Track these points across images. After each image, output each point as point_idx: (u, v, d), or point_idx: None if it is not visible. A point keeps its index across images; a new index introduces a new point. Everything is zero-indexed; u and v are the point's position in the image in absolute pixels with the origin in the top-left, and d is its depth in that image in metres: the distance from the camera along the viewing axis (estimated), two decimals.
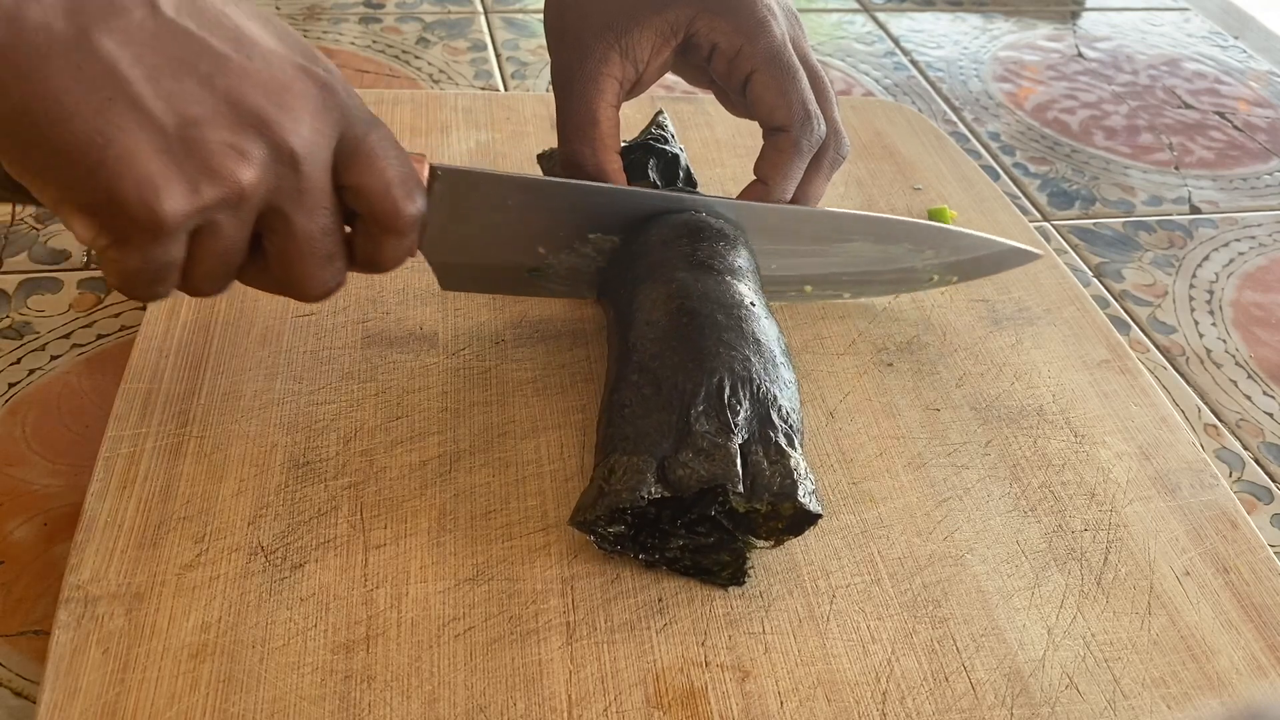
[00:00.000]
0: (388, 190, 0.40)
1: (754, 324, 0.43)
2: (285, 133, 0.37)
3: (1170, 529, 0.46)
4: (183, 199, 0.35)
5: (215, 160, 0.35)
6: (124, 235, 0.36)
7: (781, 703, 0.38)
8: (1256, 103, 0.89)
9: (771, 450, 0.39)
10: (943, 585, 0.42)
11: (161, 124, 0.35)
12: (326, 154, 0.38)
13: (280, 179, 0.37)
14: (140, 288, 0.38)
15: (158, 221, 0.35)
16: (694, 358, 0.41)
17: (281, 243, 0.39)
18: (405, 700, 0.37)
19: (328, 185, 0.39)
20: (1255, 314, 0.65)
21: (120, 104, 0.34)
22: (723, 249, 0.46)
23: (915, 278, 0.54)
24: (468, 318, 0.52)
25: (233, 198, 0.36)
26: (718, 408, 0.40)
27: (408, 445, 0.45)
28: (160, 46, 0.35)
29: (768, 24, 0.48)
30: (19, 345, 0.53)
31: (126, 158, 0.34)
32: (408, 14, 0.87)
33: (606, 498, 0.39)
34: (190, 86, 0.35)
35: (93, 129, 0.34)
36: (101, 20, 0.34)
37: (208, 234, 0.37)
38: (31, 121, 0.33)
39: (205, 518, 0.42)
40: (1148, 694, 0.39)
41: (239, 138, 0.36)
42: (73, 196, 0.35)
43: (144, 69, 0.34)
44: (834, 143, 0.50)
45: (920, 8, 0.99)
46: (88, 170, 0.34)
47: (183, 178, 0.35)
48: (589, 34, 0.48)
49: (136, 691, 0.36)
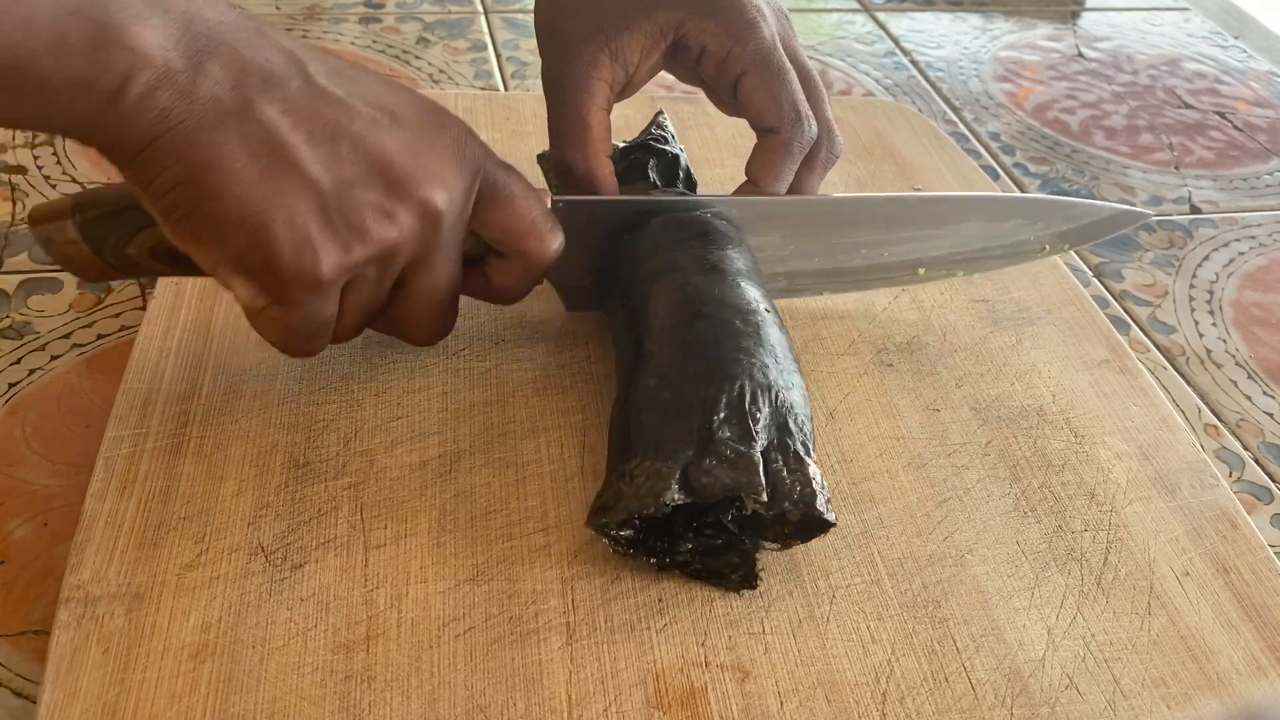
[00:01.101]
0: (531, 230, 0.43)
1: (769, 329, 0.43)
2: (429, 191, 0.39)
3: (1170, 529, 0.46)
4: (337, 258, 0.37)
5: (367, 221, 0.38)
6: (282, 295, 0.38)
7: (781, 703, 0.38)
8: (1256, 103, 0.89)
9: (790, 458, 0.40)
10: (943, 585, 0.42)
11: (319, 187, 0.37)
12: (465, 206, 0.41)
13: (423, 235, 0.39)
14: (300, 343, 0.41)
15: (316, 281, 0.37)
16: (714, 364, 0.41)
17: (410, 294, 0.42)
18: (405, 700, 0.37)
19: (460, 238, 0.41)
20: (1255, 314, 0.65)
21: (282, 170, 0.36)
22: (731, 252, 0.46)
23: (1027, 249, 0.55)
24: (468, 318, 0.52)
25: (382, 255, 0.39)
26: (739, 415, 0.40)
27: (408, 445, 0.45)
28: (316, 113, 0.37)
29: (757, 25, 0.48)
30: (19, 345, 0.53)
31: (287, 221, 0.36)
32: (408, 14, 0.87)
33: (628, 501, 0.39)
34: (344, 150, 0.37)
35: (257, 194, 0.36)
36: (264, 91, 0.36)
37: (355, 289, 0.40)
38: (198, 188, 0.35)
39: (205, 518, 0.42)
40: (1148, 694, 0.39)
41: (387, 199, 0.38)
42: (234, 259, 0.37)
43: (302, 134, 0.36)
44: (826, 142, 0.50)
45: (920, 8, 0.99)
46: (250, 234, 0.36)
47: (337, 239, 0.37)
48: (579, 38, 0.48)
49: (137, 691, 0.36)
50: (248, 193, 0.35)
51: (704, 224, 0.48)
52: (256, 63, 0.36)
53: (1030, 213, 0.53)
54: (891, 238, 0.52)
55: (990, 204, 0.53)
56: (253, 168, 0.35)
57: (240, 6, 0.82)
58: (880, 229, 0.52)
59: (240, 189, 0.35)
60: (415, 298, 0.42)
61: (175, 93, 0.34)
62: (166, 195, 0.36)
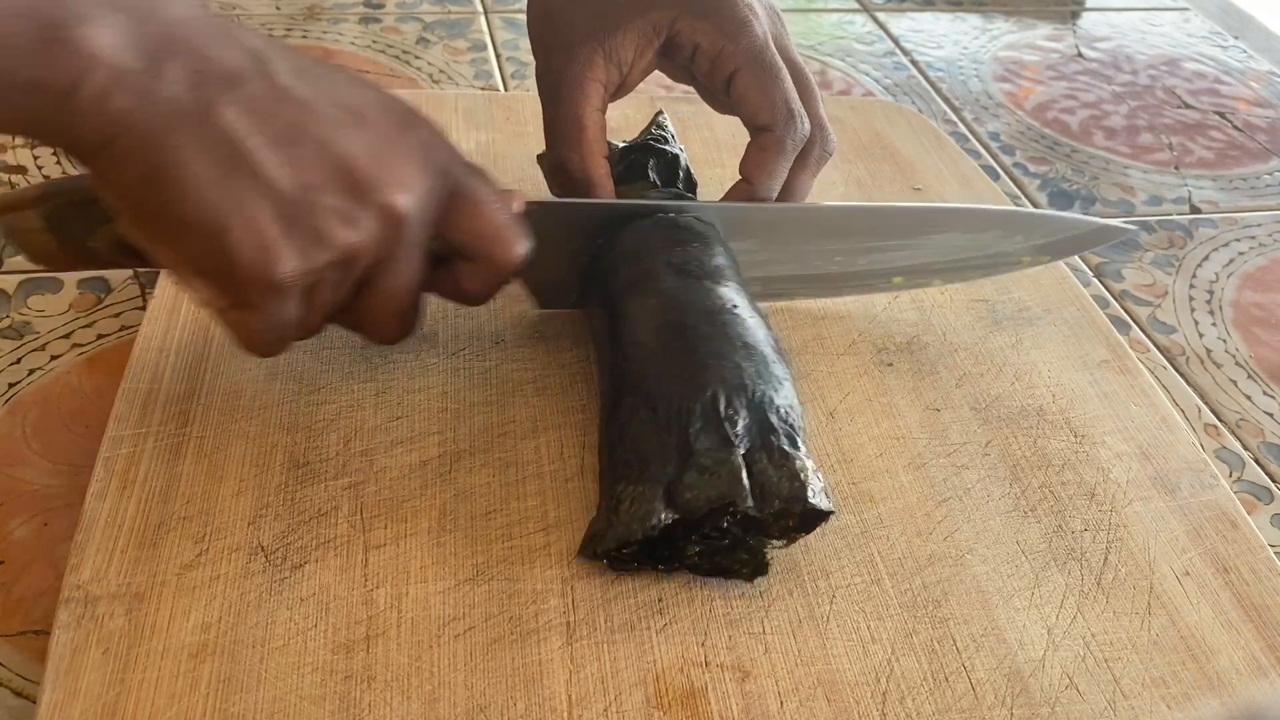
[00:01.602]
0: (496, 234, 0.42)
1: (739, 327, 0.43)
2: (391, 196, 0.38)
3: (1170, 529, 0.46)
4: (296, 263, 0.37)
5: (328, 225, 0.37)
6: (242, 298, 0.37)
7: (781, 703, 0.38)
8: (1256, 103, 0.89)
9: (775, 455, 0.39)
10: (943, 585, 0.42)
11: (279, 191, 0.36)
12: (430, 209, 0.40)
13: (385, 239, 0.39)
14: (264, 346, 0.40)
15: (275, 285, 0.37)
16: (684, 375, 0.41)
17: (372, 294, 0.41)
18: (405, 700, 0.37)
19: (424, 242, 0.40)
20: (1255, 314, 0.65)
21: (241, 173, 0.35)
22: (699, 251, 0.46)
23: (1007, 261, 0.55)
24: (468, 318, 0.52)
25: (343, 260, 0.38)
26: (715, 422, 0.39)
27: (408, 445, 0.45)
28: (277, 114, 0.36)
29: (749, 24, 0.48)
30: (19, 345, 0.53)
31: (246, 225, 0.35)
32: (408, 14, 0.87)
33: (617, 529, 0.39)
34: (306, 153, 0.36)
35: (216, 198, 0.35)
36: (225, 92, 0.35)
37: (315, 291, 0.39)
38: (156, 190, 0.35)
39: (205, 518, 0.42)
40: (1148, 694, 0.39)
41: (349, 203, 0.37)
42: (193, 262, 0.37)
43: (263, 137, 0.36)
44: (819, 139, 0.50)
45: (920, 8, 0.99)
46: (209, 237, 0.35)
47: (297, 244, 0.36)
48: (574, 39, 0.48)
49: (136, 691, 0.36)
50: (206, 196, 0.35)
51: (672, 224, 0.47)
52: (217, 62, 0.35)
53: (1009, 225, 0.53)
54: (866, 246, 0.52)
55: (969, 215, 0.53)
56: (212, 171, 0.35)
57: (239, 7, 0.82)
58: (855, 238, 0.51)
59: (199, 192, 0.35)
60: (378, 298, 0.41)
61: (131, 94, 0.33)
62: (126, 196, 0.35)
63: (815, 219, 0.51)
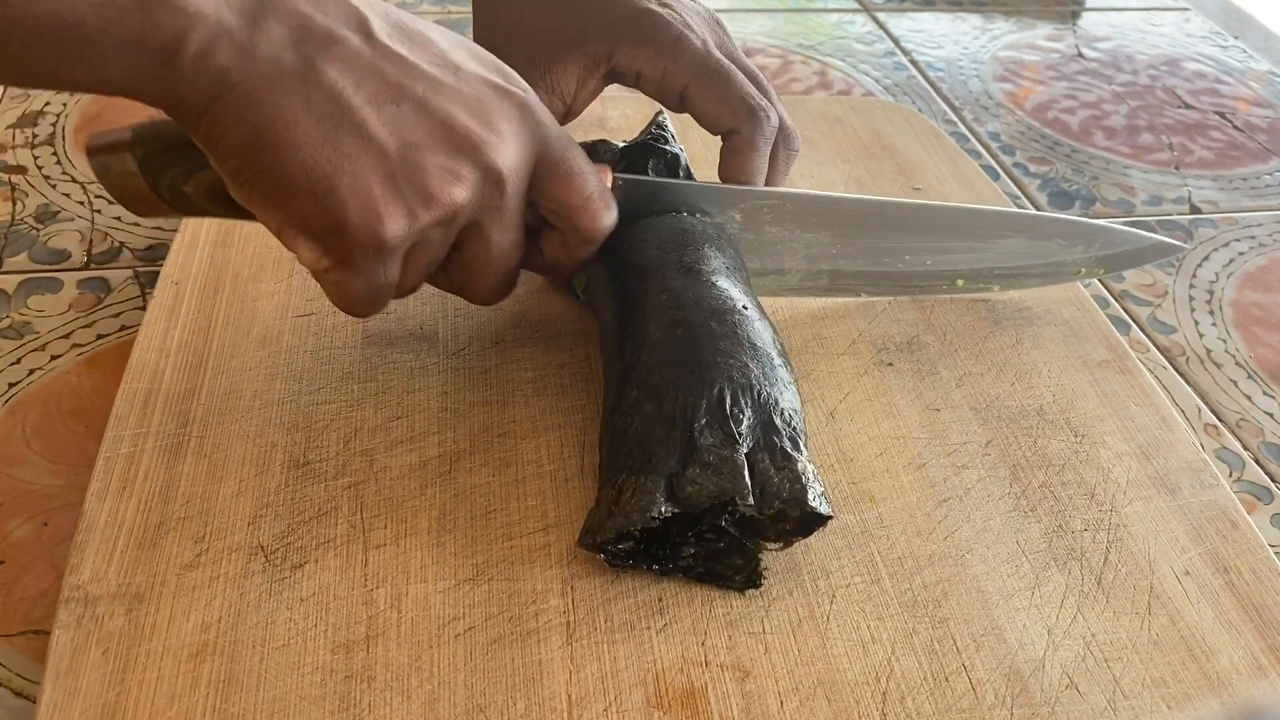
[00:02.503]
0: (586, 205, 0.42)
1: (748, 328, 0.43)
2: (493, 154, 0.38)
3: (1170, 529, 0.46)
4: (403, 223, 0.37)
5: (433, 184, 0.37)
6: (347, 258, 0.37)
7: (781, 703, 0.38)
8: (1256, 103, 0.89)
9: (778, 456, 0.40)
10: (943, 585, 0.42)
11: (384, 149, 0.36)
12: (527, 171, 0.40)
13: (486, 198, 0.39)
14: (362, 306, 0.40)
15: (381, 244, 0.37)
16: (692, 371, 0.41)
17: (473, 253, 0.41)
18: (405, 700, 0.37)
19: (523, 202, 0.41)
20: (1255, 314, 0.65)
21: (346, 132, 0.35)
22: (709, 252, 0.46)
23: (1063, 271, 0.55)
24: (468, 318, 0.52)
25: (446, 218, 0.38)
26: (720, 419, 0.40)
27: (408, 445, 0.45)
28: (379, 73, 0.36)
29: (685, 38, 0.48)
30: (19, 345, 0.53)
31: (353, 184, 0.36)
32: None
33: (616, 519, 0.39)
34: (407, 111, 0.36)
35: (322, 157, 0.35)
36: (325, 50, 0.35)
37: (418, 250, 0.39)
38: (261, 150, 0.35)
39: (205, 518, 0.42)
40: (1148, 694, 0.39)
41: (453, 161, 0.37)
42: (300, 222, 0.37)
43: (365, 95, 0.36)
44: (783, 141, 0.50)
45: (920, 8, 0.99)
46: (315, 198, 0.36)
47: (402, 201, 0.37)
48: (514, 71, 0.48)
49: (136, 691, 0.36)
50: (313, 156, 0.35)
51: (681, 225, 0.48)
52: (316, 19, 0.35)
53: (1072, 234, 0.54)
54: (936, 245, 0.53)
55: (1036, 222, 0.54)
56: (317, 131, 0.35)
57: None
58: (928, 237, 0.52)
59: (305, 152, 0.35)
60: (482, 260, 0.41)
61: (234, 51, 0.33)
62: (232, 157, 0.35)
63: (893, 215, 0.52)
